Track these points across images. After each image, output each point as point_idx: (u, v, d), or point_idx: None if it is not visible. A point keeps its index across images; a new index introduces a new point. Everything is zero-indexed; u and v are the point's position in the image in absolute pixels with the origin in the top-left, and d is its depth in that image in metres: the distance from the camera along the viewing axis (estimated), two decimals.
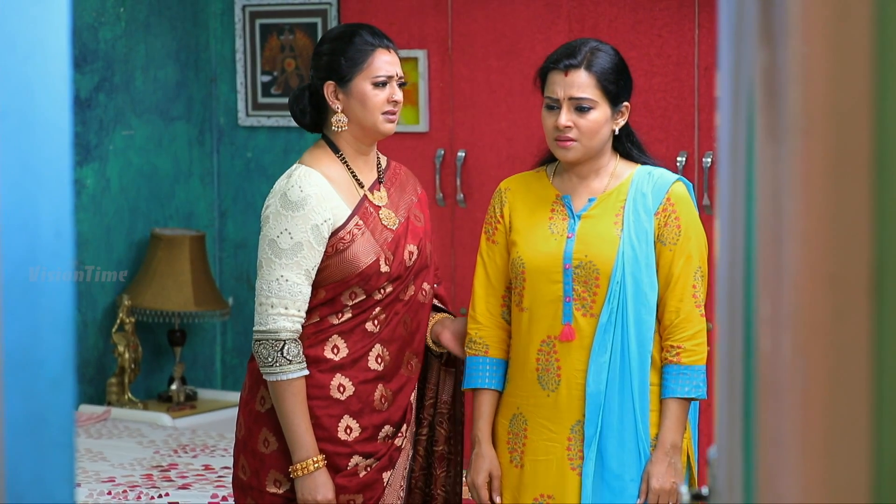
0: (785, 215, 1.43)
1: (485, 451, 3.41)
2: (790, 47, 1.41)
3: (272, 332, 3.33)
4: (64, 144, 1.73)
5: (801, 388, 1.38)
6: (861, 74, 1.34)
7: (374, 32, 3.45)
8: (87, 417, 5.57)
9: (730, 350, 1.62)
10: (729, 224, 1.65)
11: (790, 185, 1.42)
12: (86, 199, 5.88)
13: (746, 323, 1.54)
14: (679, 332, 3.30)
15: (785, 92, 1.43)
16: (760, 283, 1.48)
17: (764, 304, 1.47)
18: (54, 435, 1.73)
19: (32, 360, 1.69)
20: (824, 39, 1.36)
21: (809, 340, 1.37)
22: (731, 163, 1.63)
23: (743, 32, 1.56)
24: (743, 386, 1.58)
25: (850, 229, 1.34)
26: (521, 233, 3.39)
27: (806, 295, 1.37)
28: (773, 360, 1.45)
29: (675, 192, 3.35)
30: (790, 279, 1.40)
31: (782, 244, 1.43)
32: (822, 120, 1.37)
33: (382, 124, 3.42)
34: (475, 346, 3.45)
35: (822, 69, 1.37)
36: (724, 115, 1.67)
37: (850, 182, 1.36)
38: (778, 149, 1.45)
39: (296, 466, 3.34)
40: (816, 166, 1.39)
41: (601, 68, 3.31)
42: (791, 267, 1.40)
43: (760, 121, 1.51)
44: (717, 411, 1.73)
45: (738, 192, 1.61)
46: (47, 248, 1.72)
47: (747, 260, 1.54)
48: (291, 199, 3.34)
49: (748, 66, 1.55)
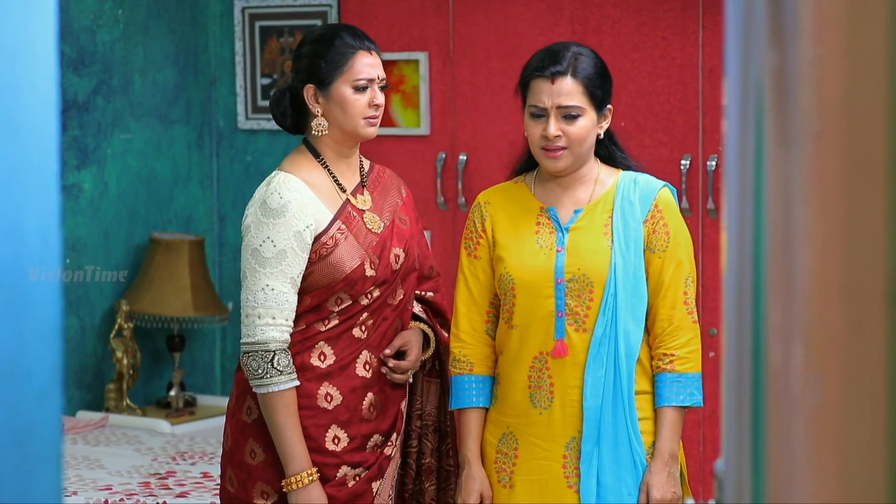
0: (796, 222, 1.38)
1: (475, 472, 3.35)
2: (802, 48, 1.36)
3: (261, 343, 3.27)
4: (51, 148, 1.69)
5: (814, 404, 1.34)
6: (876, 75, 1.29)
7: (356, 34, 3.38)
8: (84, 424, 5.52)
9: (738, 362, 1.57)
10: (737, 231, 1.60)
11: (801, 190, 1.38)
12: (84, 203, 5.84)
13: (755, 335, 1.49)
14: (672, 340, 3.25)
15: (796, 94, 1.38)
16: (770, 293, 1.43)
17: (774, 316, 1.42)
18: (41, 449, 1.69)
19: (18, 371, 1.65)
20: (838, 39, 1.31)
21: (823, 354, 1.32)
22: (739, 167, 1.59)
23: (751, 32, 1.52)
24: (752, 399, 1.53)
25: (865, 237, 1.30)
26: (506, 248, 3.32)
27: (819, 307, 1.32)
28: (783, 373, 1.41)
29: (663, 199, 3.31)
30: (802, 290, 1.35)
31: (793, 253, 1.38)
32: (835, 123, 1.33)
33: (363, 129, 3.36)
34: (459, 364, 3.40)
35: (835, 70, 1.32)
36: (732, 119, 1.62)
37: (865, 187, 1.31)
38: (788, 153, 1.41)
39: (289, 480, 3.28)
40: (829, 171, 1.34)
41: (586, 74, 3.25)
42: (803, 277, 1.35)
43: (770, 124, 1.46)
44: (725, 424, 1.68)
45: (746, 197, 1.56)
46: (34, 256, 1.67)
47: (756, 269, 1.49)
48: (271, 206, 3.28)
49: (757, 67, 1.50)
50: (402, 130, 5.57)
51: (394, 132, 5.50)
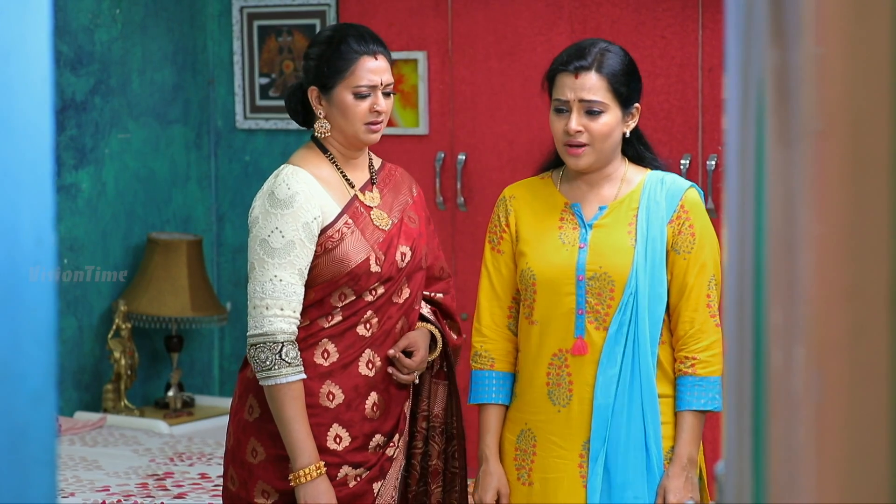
0: (797, 223, 1.37)
1: (493, 469, 3.31)
2: (804, 47, 1.34)
3: (269, 334, 3.25)
4: (46, 148, 1.67)
5: (816, 406, 1.32)
6: (879, 74, 1.27)
7: (362, 38, 3.36)
8: (82, 425, 5.51)
9: (738, 364, 1.55)
10: (737, 231, 1.58)
11: (803, 190, 1.36)
12: (81, 203, 5.82)
13: (756, 336, 1.47)
14: (694, 343, 3.21)
15: (797, 93, 1.36)
16: (771, 294, 1.42)
17: (775, 317, 1.40)
18: (35, 452, 1.67)
19: (13, 374, 1.63)
20: (840, 38, 1.30)
21: (825, 356, 1.30)
22: (740, 167, 1.57)
23: (752, 31, 1.50)
24: (752, 401, 1.51)
25: (867, 238, 1.28)
26: (529, 243, 3.29)
27: (821, 308, 1.30)
28: (785, 375, 1.39)
29: (689, 199, 3.26)
30: (804, 291, 1.34)
31: (795, 253, 1.36)
32: (837, 122, 1.31)
33: (364, 134, 3.35)
34: (480, 359, 3.36)
35: (837, 69, 1.30)
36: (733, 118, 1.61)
37: (867, 187, 1.29)
38: (790, 152, 1.39)
39: (297, 473, 3.26)
40: (831, 171, 1.32)
41: (612, 70, 3.22)
42: (804, 278, 1.34)
43: (771, 123, 1.45)
44: (726, 426, 1.67)
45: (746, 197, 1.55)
46: (28, 257, 1.66)
47: (757, 270, 1.48)
48: (279, 197, 3.28)
49: (758, 66, 1.48)
50: (400, 130, 5.55)
51: (392, 132, 5.48)
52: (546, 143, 5.39)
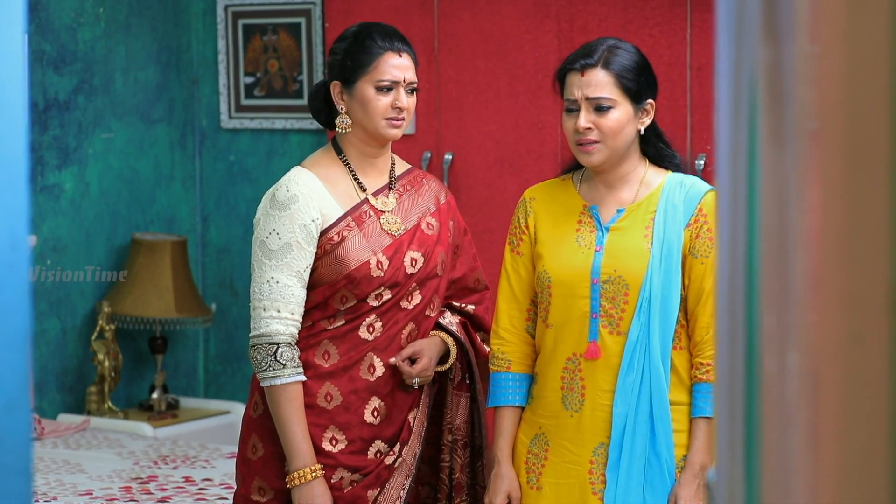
0: (791, 225, 1.33)
1: (504, 472, 3.28)
2: (797, 45, 1.31)
3: (265, 335, 3.27)
4: (20, 150, 1.64)
5: (811, 415, 1.29)
6: (876, 72, 1.24)
7: (387, 35, 3.39)
8: (65, 427, 5.46)
9: (730, 370, 1.52)
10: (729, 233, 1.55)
11: (796, 191, 1.33)
12: (65, 203, 5.77)
13: (748, 342, 1.44)
14: (710, 349, 3.15)
15: (791, 92, 1.33)
16: (764, 299, 1.38)
17: (769, 323, 1.37)
18: (10, 460, 1.64)
19: None
20: (836, 36, 1.26)
21: (820, 364, 1.27)
22: (732, 168, 1.54)
23: (744, 28, 1.47)
24: (744, 409, 1.48)
25: (864, 241, 1.24)
26: (546, 245, 3.26)
27: (816, 314, 1.27)
28: (778, 383, 1.36)
29: (708, 203, 3.22)
30: (798, 296, 1.30)
31: (789, 257, 1.33)
32: (832, 122, 1.28)
33: (385, 129, 3.34)
34: (497, 361, 3.33)
35: (832, 68, 1.27)
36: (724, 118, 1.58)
37: (863, 188, 1.26)
38: (783, 153, 1.36)
39: (293, 475, 3.26)
40: (826, 172, 1.29)
41: (619, 66, 3.19)
42: (799, 282, 1.30)
43: (763, 123, 1.41)
44: (718, 433, 1.64)
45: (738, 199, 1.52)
46: (2, 261, 1.62)
47: (749, 274, 1.44)
48: (279, 199, 3.31)
49: (750, 64, 1.45)
50: None
51: None
52: (533, 142, 5.33)
